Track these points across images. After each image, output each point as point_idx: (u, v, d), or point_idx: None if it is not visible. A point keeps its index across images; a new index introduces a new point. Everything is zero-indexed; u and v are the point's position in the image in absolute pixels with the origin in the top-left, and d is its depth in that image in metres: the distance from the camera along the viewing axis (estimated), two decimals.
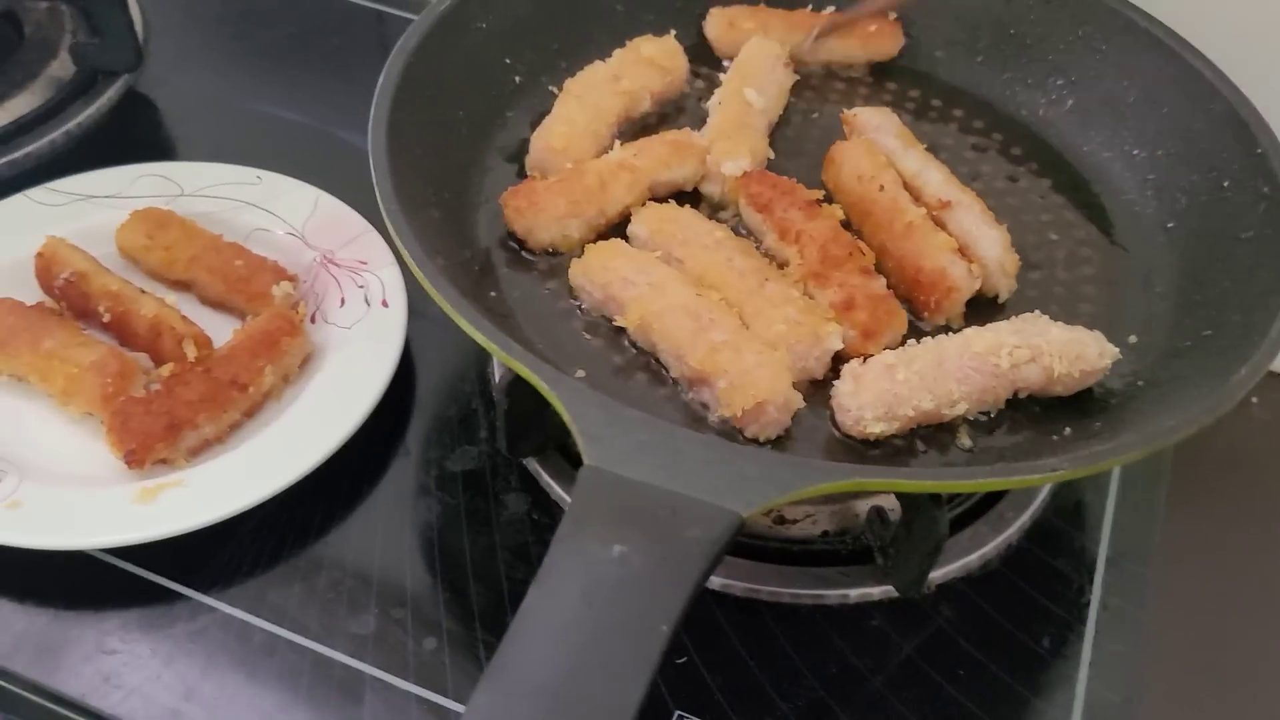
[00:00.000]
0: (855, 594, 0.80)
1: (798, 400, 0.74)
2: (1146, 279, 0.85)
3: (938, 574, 0.81)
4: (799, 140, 0.96)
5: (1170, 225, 0.88)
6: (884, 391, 0.73)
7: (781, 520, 0.82)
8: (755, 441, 0.73)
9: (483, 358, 0.94)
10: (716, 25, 1.00)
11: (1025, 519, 0.84)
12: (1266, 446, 1.07)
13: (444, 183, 0.85)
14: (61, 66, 1.13)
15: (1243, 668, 0.83)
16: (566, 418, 0.63)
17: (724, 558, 0.59)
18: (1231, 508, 1.00)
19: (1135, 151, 0.92)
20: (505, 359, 0.67)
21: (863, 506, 0.82)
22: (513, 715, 0.48)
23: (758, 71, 0.95)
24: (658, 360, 0.78)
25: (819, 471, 0.61)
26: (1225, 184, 0.85)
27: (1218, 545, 0.96)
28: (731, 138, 0.89)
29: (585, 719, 0.49)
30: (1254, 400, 1.12)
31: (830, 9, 1.01)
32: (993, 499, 0.85)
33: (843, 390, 0.74)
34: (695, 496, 0.58)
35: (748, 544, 0.81)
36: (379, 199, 0.75)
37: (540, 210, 0.83)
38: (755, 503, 0.59)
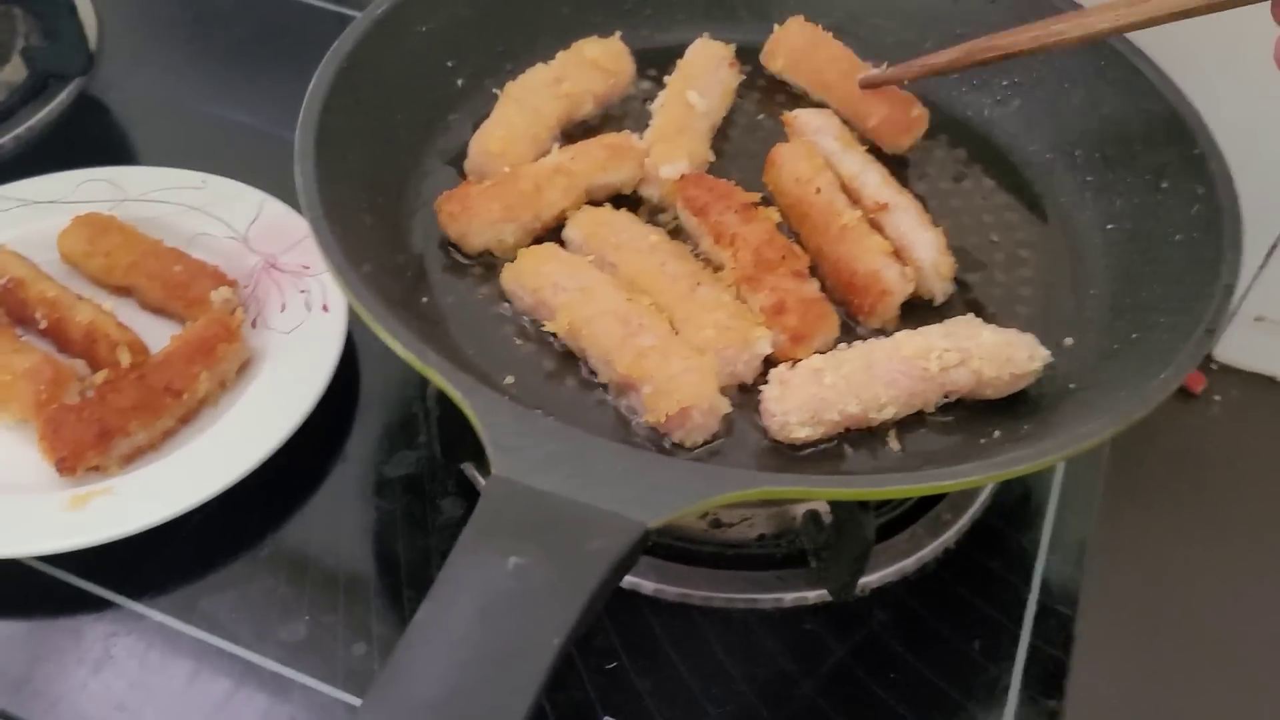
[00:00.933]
0: (790, 598, 0.80)
1: (724, 405, 0.74)
2: (1082, 281, 0.85)
3: (873, 578, 0.81)
4: (743, 142, 0.96)
5: (1108, 227, 0.88)
6: (810, 396, 0.73)
7: (718, 524, 0.82)
8: (682, 447, 0.73)
9: None
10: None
11: (964, 521, 0.84)
12: (1218, 443, 1.07)
13: (379, 187, 0.85)
14: (14, 70, 1.13)
15: (1178, 667, 0.83)
16: (478, 426, 0.63)
17: (629, 569, 0.59)
18: (1177, 503, 1.00)
19: (1077, 153, 0.92)
20: (420, 368, 0.66)
21: (799, 509, 0.82)
22: None
23: (701, 73, 0.94)
24: (588, 366, 0.78)
25: (729, 479, 0.61)
26: (1162, 185, 0.84)
27: (1164, 543, 0.96)
28: (671, 140, 0.89)
29: None
30: (1216, 397, 1.12)
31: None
32: (928, 502, 0.85)
33: (769, 395, 0.74)
34: (602, 507, 0.58)
35: (682, 548, 0.81)
36: (302, 204, 0.75)
37: (474, 215, 0.83)
38: (663, 513, 0.58)
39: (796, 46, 0.98)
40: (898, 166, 0.91)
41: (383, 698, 0.49)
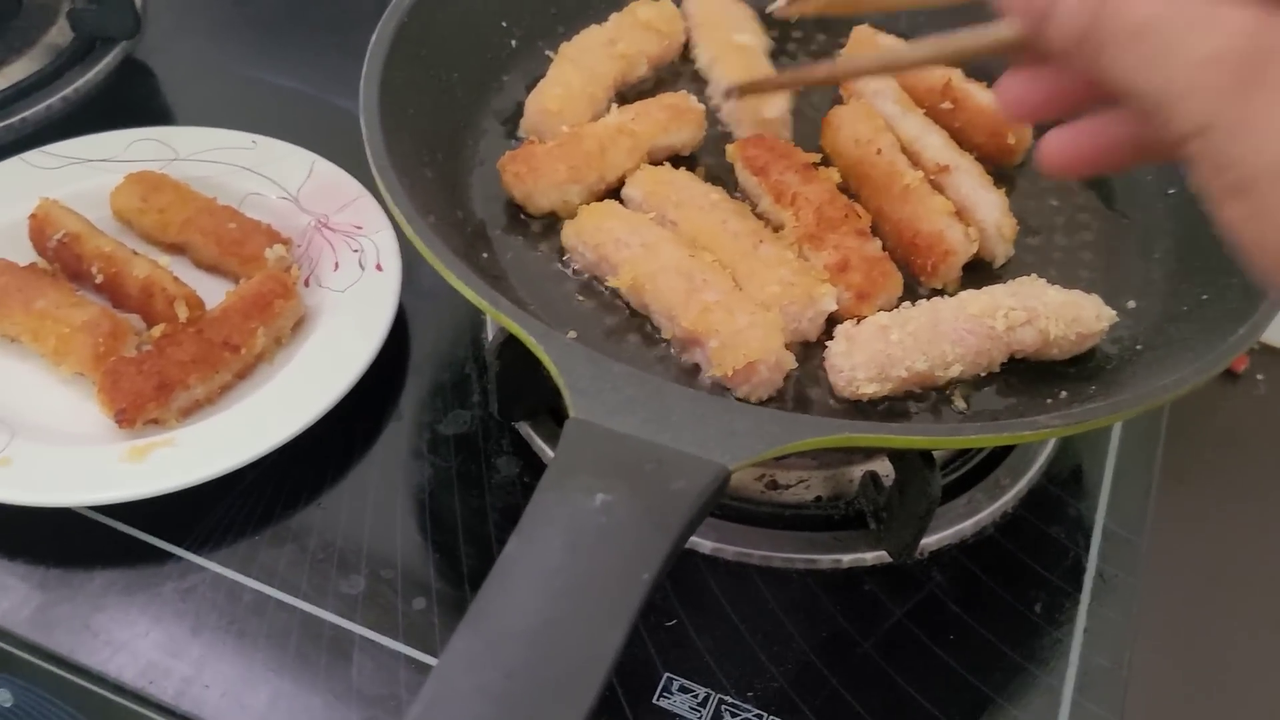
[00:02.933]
0: (848, 559, 0.79)
1: (790, 361, 0.73)
2: (1145, 245, 0.85)
3: (931, 540, 0.80)
4: (796, 104, 0.95)
5: (1170, 191, 0.87)
6: (877, 352, 0.72)
7: (774, 485, 0.82)
8: (745, 402, 0.73)
9: (476, 323, 0.93)
10: None
11: (1021, 486, 0.83)
12: (1265, 422, 1.07)
13: (437, 144, 0.85)
14: (60, 33, 1.13)
15: (1232, 637, 0.83)
16: (554, 372, 0.62)
17: (710, 513, 0.59)
18: (1226, 482, 1.00)
19: None
20: (496, 315, 0.66)
21: (856, 472, 0.81)
22: (492, 659, 0.48)
23: (721, 17, 0.94)
24: (650, 322, 0.78)
25: (808, 426, 0.61)
26: None
27: (1211, 518, 0.96)
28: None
29: (565, 664, 0.48)
30: (1259, 377, 1.12)
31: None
32: (988, 466, 0.84)
33: (836, 351, 0.73)
34: (682, 449, 0.58)
35: (740, 508, 0.81)
36: (369, 156, 0.75)
37: (540, 175, 0.82)
38: (742, 456, 0.58)
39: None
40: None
41: (477, 627, 0.49)
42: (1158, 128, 0.43)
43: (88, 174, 0.97)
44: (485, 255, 0.81)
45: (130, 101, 1.13)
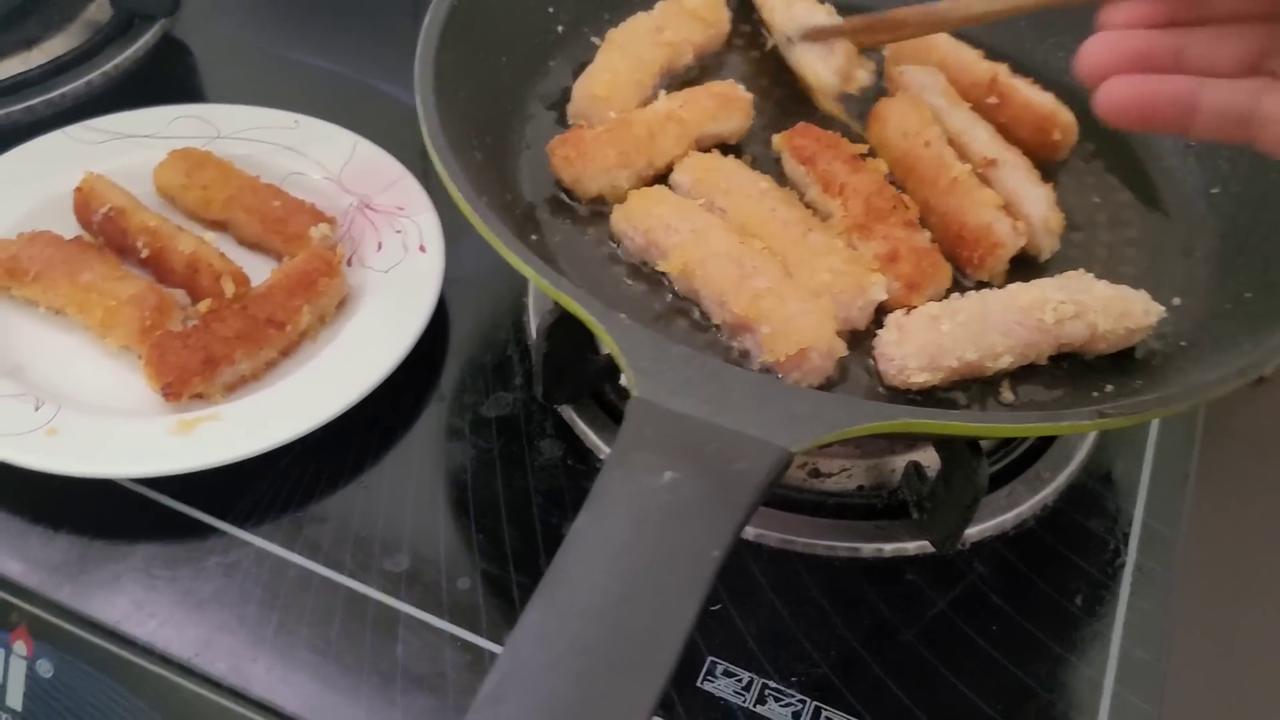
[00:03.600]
0: (890, 548, 0.79)
1: (841, 348, 0.73)
2: (1188, 243, 0.85)
3: (973, 532, 0.81)
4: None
5: (1213, 191, 0.87)
6: (928, 342, 0.72)
7: (816, 473, 0.82)
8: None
9: (518, 305, 0.94)
10: None
11: (1061, 480, 0.84)
12: None
13: (486, 127, 0.85)
14: (99, 9, 1.13)
15: (1267, 629, 0.84)
16: (616, 351, 0.62)
17: (768, 497, 0.59)
18: (1258, 481, 1.00)
19: None
20: (556, 295, 0.66)
21: (899, 462, 0.82)
22: (565, 634, 0.48)
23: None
24: (699, 307, 0.78)
25: (869, 410, 0.61)
26: None
27: (1244, 515, 0.96)
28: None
29: (638, 640, 0.48)
30: None
31: None
32: (1029, 459, 0.85)
33: (887, 339, 0.74)
34: (744, 431, 0.58)
35: (783, 495, 0.81)
36: (425, 135, 0.75)
37: (589, 160, 0.82)
38: (804, 440, 0.58)
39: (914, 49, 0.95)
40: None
41: (550, 601, 0.49)
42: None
43: (130, 149, 0.97)
44: (535, 238, 0.81)
45: (168, 79, 1.13)
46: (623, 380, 0.62)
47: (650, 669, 0.47)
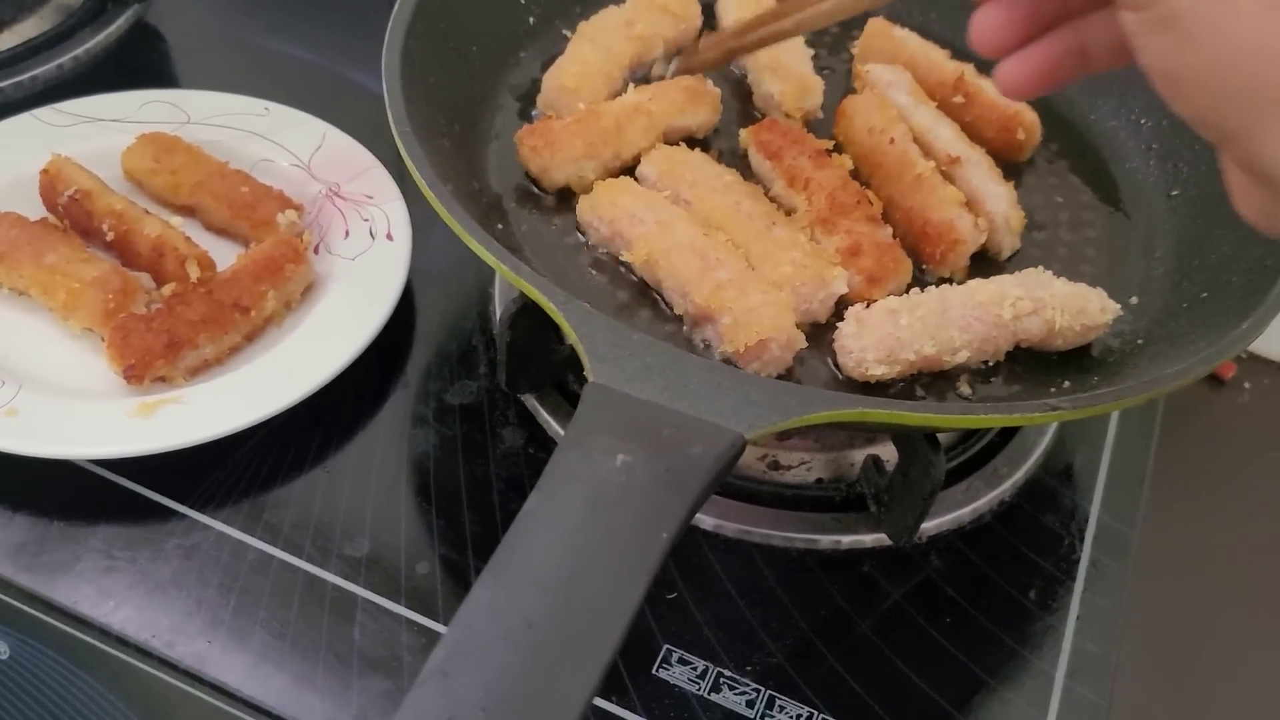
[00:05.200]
0: (847, 540, 0.80)
1: (800, 340, 0.74)
2: (1147, 243, 0.86)
3: (929, 526, 0.81)
4: None
5: (1174, 193, 0.88)
6: (886, 335, 0.73)
7: (776, 466, 0.82)
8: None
9: (484, 295, 0.94)
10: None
11: (1019, 476, 0.85)
12: (1250, 428, 1.09)
13: (454, 116, 0.85)
14: None
15: (1216, 627, 0.85)
16: (573, 337, 0.63)
17: (722, 482, 0.60)
18: (1213, 483, 1.01)
19: (1142, 120, 0.93)
20: (517, 282, 0.67)
21: (858, 456, 0.82)
22: (515, 608, 0.49)
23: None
24: (662, 298, 0.78)
25: (824, 399, 0.62)
26: None
27: (1198, 515, 0.97)
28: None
29: (586, 616, 0.49)
30: (1245, 385, 1.13)
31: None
32: (987, 455, 0.85)
33: (846, 332, 0.74)
34: (699, 416, 0.59)
35: (742, 487, 0.82)
36: (391, 122, 0.75)
37: (556, 150, 0.83)
38: (759, 426, 0.59)
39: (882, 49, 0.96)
40: None
41: (500, 577, 0.50)
42: None
43: (99, 133, 0.97)
44: (500, 227, 0.81)
45: (140, 64, 1.13)
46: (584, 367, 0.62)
47: (597, 645, 0.48)
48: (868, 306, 0.75)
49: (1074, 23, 0.57)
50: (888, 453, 0.81)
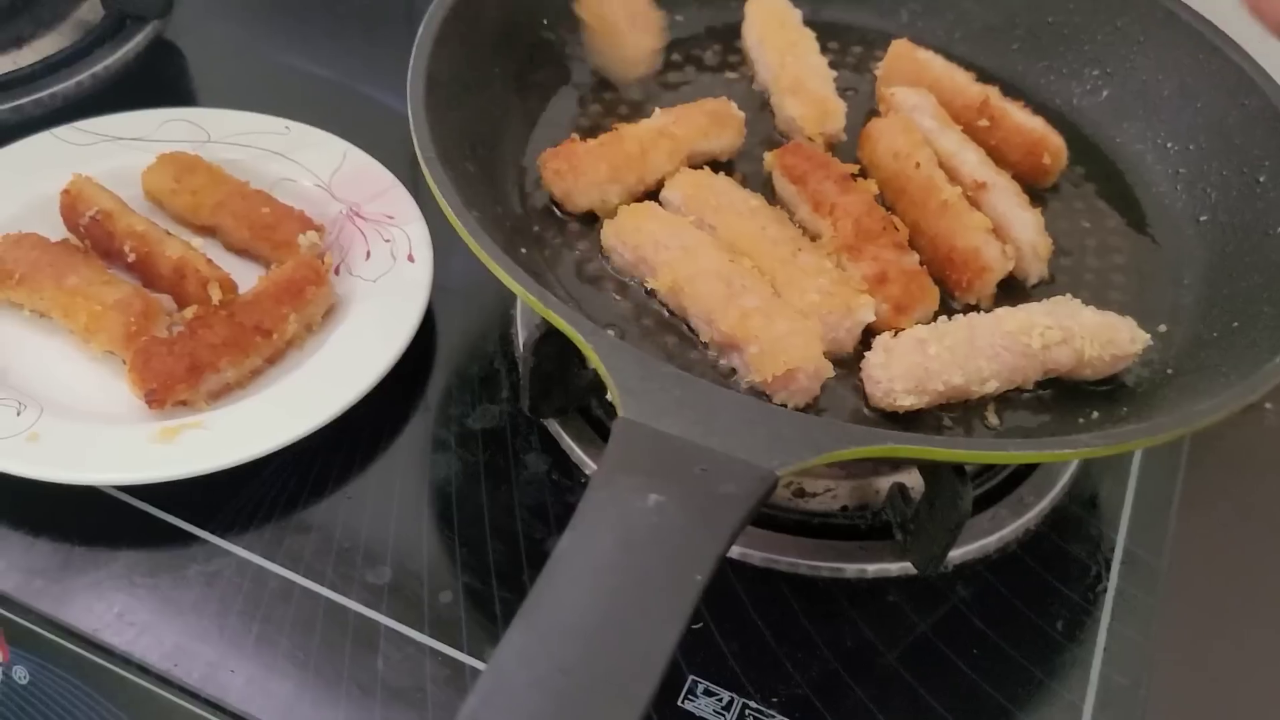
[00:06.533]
0: (873, 569, 0.79)
1: (828, 369, 0.73)
2: (1176, 270, 0.85)
3: (955, 554, 0.81)
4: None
5: (1202, 219, 0.88)
6: (915, 365, 0.73)
7: (801, 493, 0.82)
8: (787, 409, 0.73)
9: (505, 318, 0.93)
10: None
11: (1045, 504, 0.84)
12: (1277, 449, 1.08)
13: (479, 139, 0.85)
14: (90, 9, 1.13)
15: (1247, 658, 0.84)
16: (603, 370, 0.62)
17: (755, 517, 0.59)
18: (1242, 508, 1.00)
19: (1169, 145, 0.92)
20: (544, 311, 0.66)
21: (883, 483, 0.82)
22: (547, 654, 0.48)
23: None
24: (687, 324, 0.78)
25: (855, 435, 0.61)
26: (1260, 179, 0.84)
27: (1228, 543, 0.96)
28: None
29: (620, 662, 0.48)
30: (1266, 405, 1.12)
31: None
32: (1013, 483, 0.85)
33: (874, 361, 0.74)
34: (730, 454, 0.58)
35: (767, 514, 0.81)
36: (417, 147, 0.75)
37: (580, 174, 0.82)
38: (790, 463, 0.58)
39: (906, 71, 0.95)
40: None
41: (532, 621, 0.49)
42: None
43: (119, 152, 0.96)
44: (524, 251, 0.81)
45: (159, 82, 1.13)
46: (609, 398, 0.62)
47: (632, 692, 0.47)
48: (895, 335, 0.75)
49: None
50: (913, 480, 0.81)
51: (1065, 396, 0.77)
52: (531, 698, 0.47)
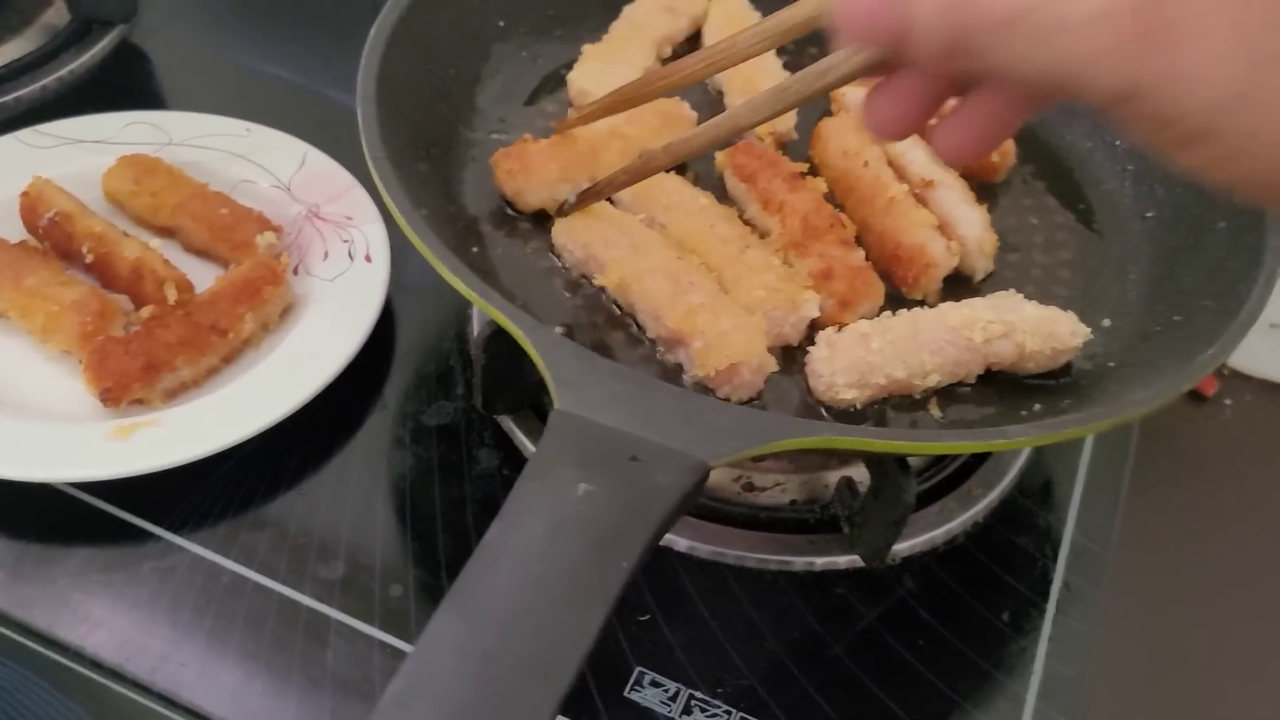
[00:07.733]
0: (821, 562, 0.80)
1: (771, 364, 0.74)
2: (1121, 266, 0.86)
3: (903, 547, 0.82)
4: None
5: (1149, 215, 0.89)
6: (858, 359, 0.74)
7: (750, 487, 0.83)
8: (726, 402, 0.74)
9: (462, 316, 0.94)
10: None
11: (993, 497, 0.85)
12: (1231, 446, 1.09)
13: (432, 139, 0.86)
14: (57, 14, 1.14)
15: (1191, 650, 0.85)
16: (541, 365, 0.63)
17: (689, 509, 0.60)
18: (1192, 502, 1.01)
19: (1116, 142, 0.93)
20: (485, 307, 0.67)
21: (832, 478, 0.83)
22: (472, 640, 0.49)
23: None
24: (636, 321, 0.79)
25: (789, 427, 0.62)
26: None
27: (1176, 536, 0.97)
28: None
29: (542, 648, 0.49)
30: (1226, 401, 1.14)
31: None
32: (961, 476, 0.86)
33: (817, 356, 0.75)
34: (664, 444, 0.59)
35: (716, 508, 0.82)
36: (365, 147, 0.76)
37: (531, 174, 0.83)
38: (723, 454, 0.59)
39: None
40: None
41: (458, 608, 0.50)
42: (1070, 99, 0.41)
43: (81, 155, 0.97)
44: (475, 250, 0.82)
45: (125, 85, 1.13)
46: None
47: (553, 676, 0.48)
48: (839, 330, 0.76)
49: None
50: (861, 474, 0.82)
51: (1009, 390, 0.78)
52: (453, 682, 0.48)
